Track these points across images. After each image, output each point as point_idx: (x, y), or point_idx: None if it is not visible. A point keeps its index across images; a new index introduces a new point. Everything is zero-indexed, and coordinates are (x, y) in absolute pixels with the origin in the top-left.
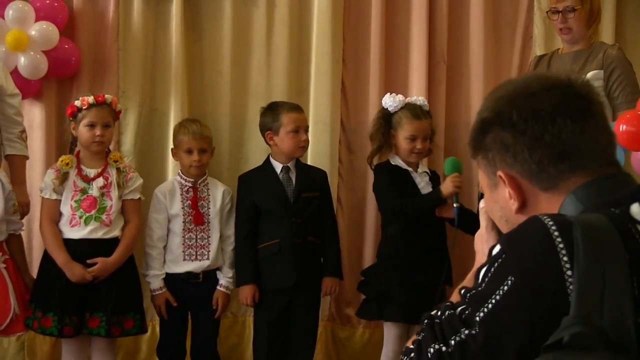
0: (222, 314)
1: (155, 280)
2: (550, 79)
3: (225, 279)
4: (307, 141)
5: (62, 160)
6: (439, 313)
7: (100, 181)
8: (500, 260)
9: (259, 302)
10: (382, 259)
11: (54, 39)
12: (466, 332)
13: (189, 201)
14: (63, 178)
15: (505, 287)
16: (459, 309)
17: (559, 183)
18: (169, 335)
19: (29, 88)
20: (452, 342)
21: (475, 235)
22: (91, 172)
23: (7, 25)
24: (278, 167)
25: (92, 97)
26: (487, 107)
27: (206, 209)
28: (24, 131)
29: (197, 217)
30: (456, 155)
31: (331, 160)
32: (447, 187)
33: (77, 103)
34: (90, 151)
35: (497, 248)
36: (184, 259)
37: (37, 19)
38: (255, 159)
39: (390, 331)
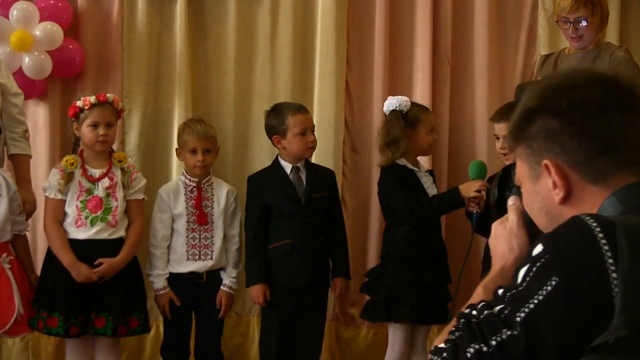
0: (226, 314)
1: (159, 280)
2: (596, 73)
3: (229, 278)
4: (314, 141)
5: (66, 160)
6: (475, 312)
7: (105, 181)
8: (542, 260)
9: (269, 302)
10: (389, 260)
11: (58, 39)
12: (508, 332)
13: (193, 201)
14: (68, 178)
15: (549, 288)
16: (497, 308)
17: (606, 176)
18: (173, 335)
19: (33, 88)
20: (493, 342)
21: (493, 226)
22: (96, 172)
23: (11, 26)
24: (288, 167)
25: (93, 96)
26: (532, 97)
27: (210, 208)
28: (27, 130)
29: (200, 217)
30: (461, 154)
31: (335, 160)
32: (467, 190)
33: (79, 103)
34: (94, 151)
35: (539, 248)
36: (188, 259)
37: (42, 19)
38: (259, 159)
39: (396, 333)
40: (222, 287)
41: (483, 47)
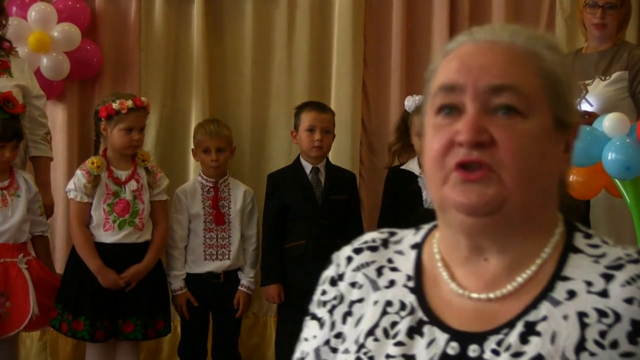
0: (244, 314)
1: (176, 281)
2: None
3: (246, 279)
4: (320, 141)
5: (92, 163)
6: None
7: (133, 184)
8: None
9: (284, 301)
10: None
11: (76, 40)
12: None
13: (209, 201)
14: (95, 181)
15: None
16: None
17: None
18: (191, 335)
19: (51, 89)
20: None
21: None
22: (122, 174)
23: (29, 27)
24: (308, 167)
25: (130, 101)
26: None
27: (227, 209)
28: (48, 133)
29: (217, 217)
30: None
31: (352, 161)
32: None
33: (116, 106)
34: (124, 154)
35: None
36: (205, 259)
37: (60, 21)
38: (276, 160)
39: None
40: (239, 288)
41: None
